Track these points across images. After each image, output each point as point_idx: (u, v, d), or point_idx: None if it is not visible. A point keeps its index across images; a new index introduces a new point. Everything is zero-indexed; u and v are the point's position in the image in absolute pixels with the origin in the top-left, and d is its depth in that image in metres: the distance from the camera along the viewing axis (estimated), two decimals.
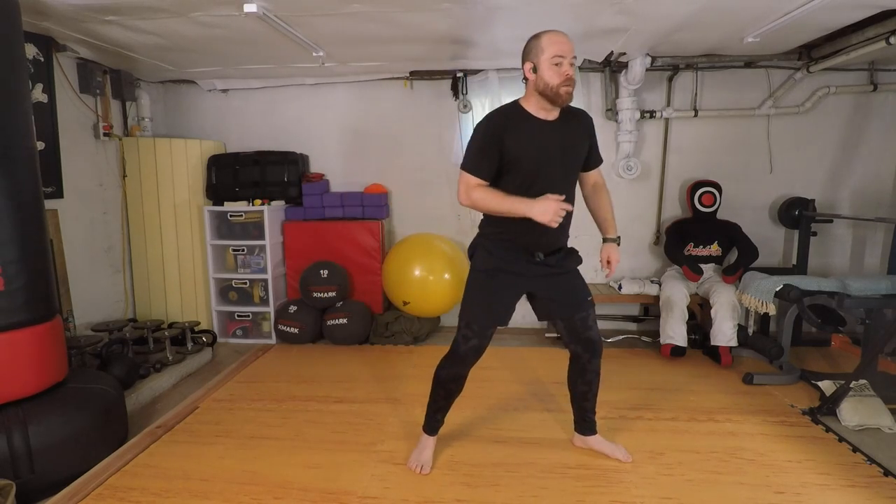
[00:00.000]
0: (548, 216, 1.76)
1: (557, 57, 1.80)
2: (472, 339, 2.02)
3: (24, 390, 2.08)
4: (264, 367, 3.41)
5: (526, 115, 1.90)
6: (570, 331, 2.11)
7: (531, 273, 2.02)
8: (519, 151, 1.86)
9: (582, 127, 2.03)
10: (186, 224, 3.92)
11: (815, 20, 2.86)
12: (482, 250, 2.04)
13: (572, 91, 1.86)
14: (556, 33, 1.85)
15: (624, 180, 4.04)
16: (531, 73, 1.87)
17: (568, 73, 1.82)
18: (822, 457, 2.24)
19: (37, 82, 3.06)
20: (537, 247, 2.00)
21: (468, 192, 1.88)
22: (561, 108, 1.93)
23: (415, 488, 2.04)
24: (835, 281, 2.91)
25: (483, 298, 2.02)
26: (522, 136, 1.87)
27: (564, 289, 2.08)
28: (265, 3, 2.50)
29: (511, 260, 1.99)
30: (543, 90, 1.84)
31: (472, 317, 2.02)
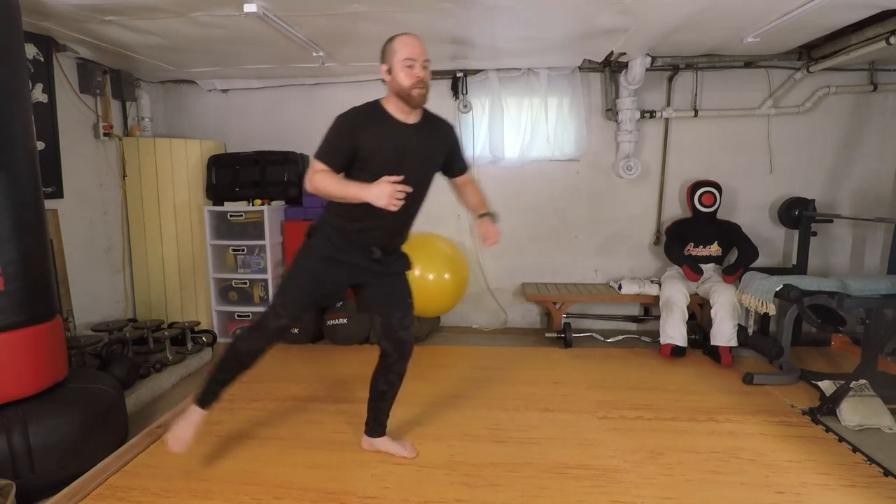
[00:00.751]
0: (384, 199, 1.77)
1: (408, 59, 1.84)
2: (283, 319, 2.02)
3: (24, 390, 2.08)
4: (264, 367, 3.40)
5: (385, 115, 1.94)
6: (386, 328, 2.13)
7: (363, 266, 2.04)
8: (372, 149, 1.89)
9: (441, 134, 2.07)
10: (186, 224, 3.92)
11: (815, 20, 2.86)
12: (322, 235, 2.04)
13: (425, 93, 1.89)
14: (409, 36, 1.89)
15: (624, 180, 4.04)
16: (387, 75, 1.91)
17: (419, 76, 1.85)
18: (822, 457, 2.24)
19: (37, 82, 3.06)
20: (376, 243, 2.03)
21: (313, 176, 1.88)
22: (421, 111, 1.98)
23: (415, 488, 2.04)
24: (835, 281, 2.91)
25: (308, 282, 2.03)
26: (378, 134, 1.90)
27: (390, 287, 2.12)
28: (265, 3, 2.50)
29: (348, 251, 2.01)
30: (398, 91, 1.88)
31: (291, 298, 2.03)
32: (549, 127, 3.99)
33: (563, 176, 4.13)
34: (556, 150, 4.02)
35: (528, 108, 4.01)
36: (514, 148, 4.04)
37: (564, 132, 4.02)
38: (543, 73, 3.90)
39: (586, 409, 2.73)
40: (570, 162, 4.09)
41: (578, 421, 2.59)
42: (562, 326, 3.80)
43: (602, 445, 2.36)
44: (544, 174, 4.13)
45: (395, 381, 2.21)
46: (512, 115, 4.02)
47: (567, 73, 3.91)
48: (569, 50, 3.49)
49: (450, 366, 3.39)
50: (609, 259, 4.20)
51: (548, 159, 4.07)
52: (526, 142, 4.02)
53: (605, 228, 4.17)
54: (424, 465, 2.21)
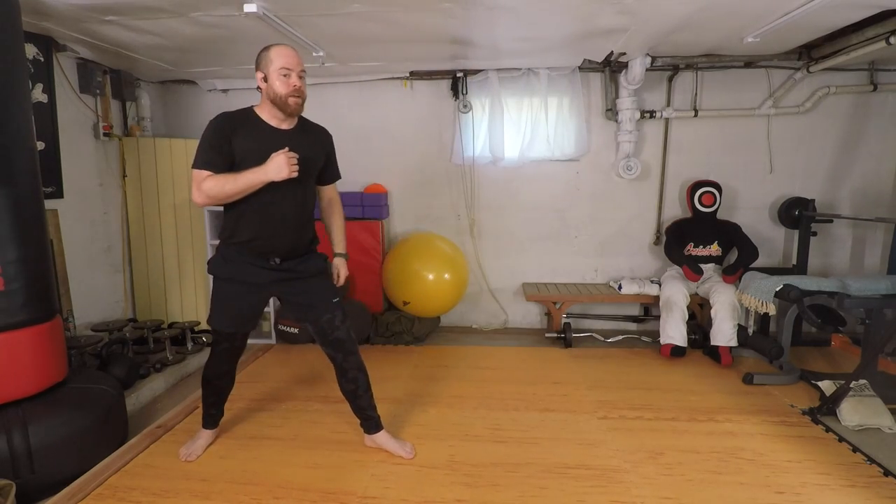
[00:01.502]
0: (284, 170, 1.81)
1: (284, 69, 1.88)
2: (223, 343, 2.13)
3: (24, 390, 2.08)
4: (264, 367, 3.41)
5: (257, 121, 1.96)
6: (320, 334, 2.14)
7: (265, 279, 2.04)
8: (246, 154, 1.90)
9: (318, 141, 2.10)
10: (186, 224, 3.92)
11: (815, 20, 2.86)
12: (218, 257, 2.07)
13: (301, 102, 1.94)
14: (284, 47, 1.93)
15: (624, 180, 4.04)
16: (262, 83, 1.94)
17: (296, 84, 1.90)
18: (822, 457, 2.24)
19: (37, 82, 3.06)
20: (272, 251, 2.02)
21: (199, 186, 1.85)
22: (297, 118, 2.01)
23: (415, 488, 2.04)
24: (835, 281, 2.91)
25: (222, 305, 2.08)
26: (251, 139, 1.92)
27: (307, 293, 2.11)
28: (265, 3, 2.50)
29: (244, 268, 2.02)
30: (274, 99, 1.92)
31: (217, 323, 2.09)
32: (549, 127, 3.99)
33: (563, 176, 4.13)
34: (556, 150, 4.02)
35: (528, 108, 4.01)
36: (514, 148, 4.04)
37: (564, 132, 4.02)
38: (543, 73, 3.90)
39: (586, 409, 2.73)
40: (570, 162, 4.09)
41: (578, 421, 2.60)
42: (562, 326, 3.80)
43: (602, 445, 2.36)
44: (544, 174, 4.13)
45: (357, 375, 2.21)
46: (512, 115, 4.02)
47: (567, 73, 3.91)
48: (569, 50, 3.49)
49: (450, 366, 3.39)
50: (609, 259, 4.20)
51: (548, 159, 4.07)
52: (526, 142, 4.02)
53: (605, 228, 4.18)
54: (424, 465, 2.22)
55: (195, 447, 2.30)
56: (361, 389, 2.24)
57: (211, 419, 2.35)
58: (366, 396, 2.26)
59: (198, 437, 2.34)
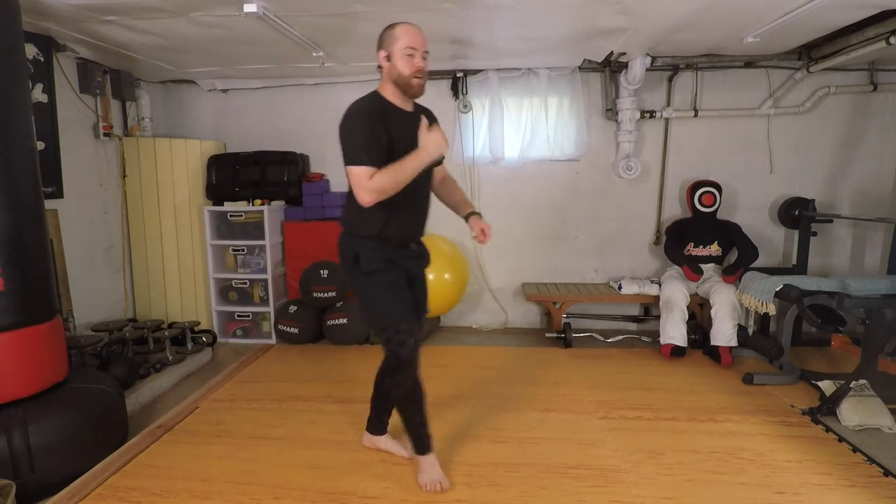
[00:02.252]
0: (441, 142, 1.82)
1: (409, 48, 1.82)
2: (409, 339, 1.92)
3: (24, 390, 2.08)
4: (264, 367, 3.41)
5: (390, 104, 1.90)
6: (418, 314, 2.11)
7: (410, 266, 2.05)
8: (394, 139, 1.85)
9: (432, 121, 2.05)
10: (186, 224, 3.92)
11: (815, 20, 2.86)
12: (366, 251, 1.94)
13: (423, 83, 1.89)
14: (410, 25, 1.86)
15: (624, 180, 4.04)
16: (385, 62, 1.87)
17: (419, 65, 1.84)
18: (822, 457, 2.24)
19: (37, 82, 3.06)
20: (412, 237, 2.04)
21: (366, 186, 1.74)
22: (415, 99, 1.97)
23: (415, 488, 2.04)
24: (835, 281, 2.91)
25: (395, 295, 1.94)
26: (397, 122, 1.88)
27: (422, 290, 2.14)
28: (265, 3, 2.51)
29: (397, 253, 1.98)
30: (396, 79, 1.86)
31: (398, 318, 1.92)
32: (549, 127, 3.99)
33: (563, 176, 4.13)
34: (556, 150, 4.02)
35: (528, 108, 4.01)
36: (514, 148, 4.04)
37: (564, 132, 4.02)
38: (543, 73, 3.90)
39: (586, 409, 2.73)
40: (570, 162, 4.09)
41: (578, 421, 2.59)
42: (562, 326, 3.80)
43: (602, 445, 2.36)
44: (544, 174, 4.13)
45: None
46: (512, 115, 4.02)
47: (567, 73, 3.91)
48: (569, 50, 3.49)
49: (450, 366, 3.39)
50: (609, 259, 4.20)
51: (548, 159, 4.07)
52: (526, 142, 4.02)
53: (605, 228, 4.17)
54: None
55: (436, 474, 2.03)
56: None
57: (428, 441, 2.06)
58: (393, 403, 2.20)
59: (430, 466, 2.05)
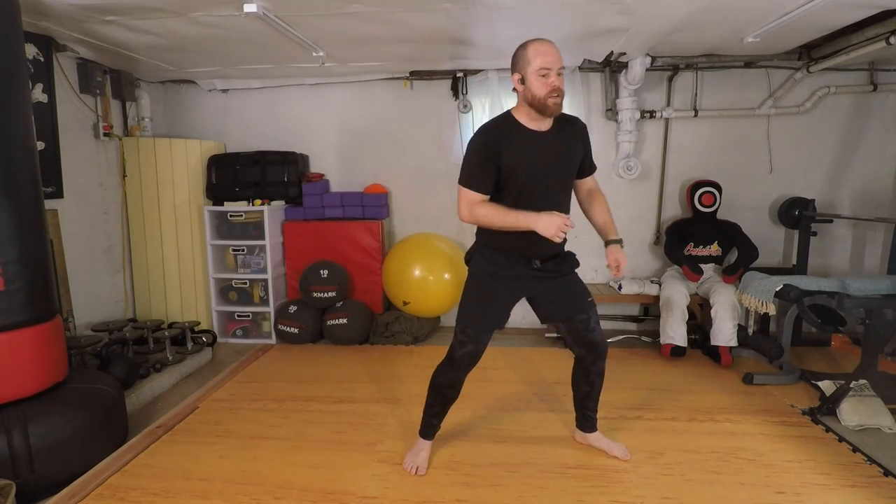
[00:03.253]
0: (551, 231, 1.78)
1: (543, 69, 1.79)
2: (468, 345, 2.01)
3: (24, 390, 2.08)
4: (264, 367, 3.41)
5: (518, 127, 1.90)
6: (573, 333, 2.12)
7: (528, 277, 2.03)
8: (514, 164, 1.86)
9: (576, 135, 2.02)
10: (186, 224, 3.92)
11: (815, 20, 2.86)
12: (480, 256, 2.06)
13: (561, 102, 1.86)
14: (543, 43, 1.83)
15: (624, 180, 4.04)
16: (520, 85, 1.86)
17: (555, 85, 1.80)
18: (822, 457, 2.24)
19: (37, 82, 3.06)
20: (533, 254, 2.01)
21: (471, 209, 1.88)
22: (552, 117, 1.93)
23: (415, 488, 2.04)
24: (835, 281, 2.91)
25: (480, 303, 2.03)
26: (516, 148, 1.87)
27: (562, 292, 2.09)
28: (265, 3, 2.50)
29: (508, 266, 2.01)
30: (532, 101, 1.84)
31: (468, 322, 2.02)
32: None
33: None
34: None
35: None
36: None
37: None
38: None
39: None
40: None
41: None
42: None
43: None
44: None
45: (597, 380, 2.20)
46: None
47: (567, 73, 3.91)
48: (569, 50, 3.49)
49: None
50: None
51: None
52: None
53: None
54: None
55: (420, 460, 2.16)
56: (595, 392, 2.24)
57: (431, 430, 2.20)
58: (595, 399, 2.27)
59: (419, 449, 2.19)
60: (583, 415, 2.31)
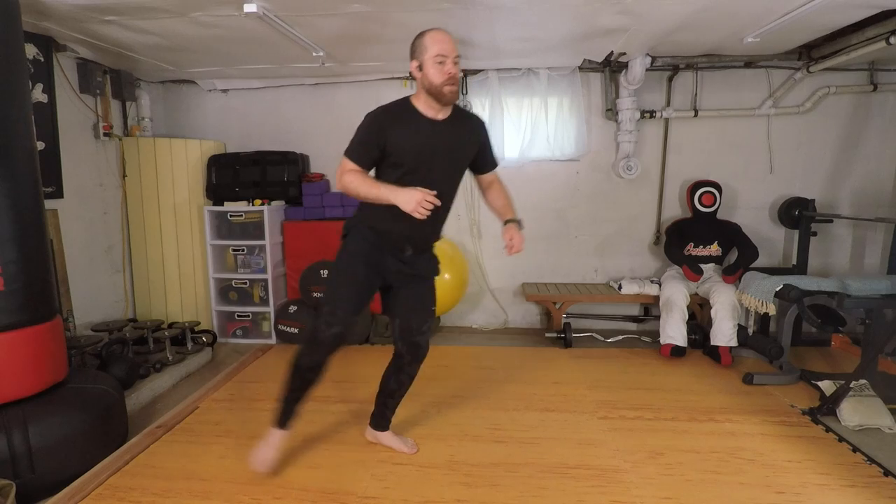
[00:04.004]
0: (411, 205, 1.78)
1: (440, 56, 1.83)
2: (335, 326, 1.96)
3: (24, 390, 2.08)
4: (264, 367, 3.41)
5: (414, 112, 1.93)
6: (404, 331, 2.12)
7: (394, 268, 2.04)
8: (402, 146, 1.89)
9: (472, 131, 2.05)
10: (186, 224, 3.92)
11: (815, 20, 2.86)
12: (357, 234, 2.03)
13: (457, 90, 1.89)
14: (439, 32, 1.87)
15: (624, 180, 4.04)
16: (417, 72, 1.90)
17: (451, 72, 1.84)
18: (822, 457, 2.24)
19: (37, 82, 3.06)
20: (409, 242, 2.02)
21: (343, 175, 1.89)
22: (452, 108, 1.96)
23: (415, 488, 2.04)
24: (835, 281, 2.91)
25: (352, 283, 1.99)
26: (407, 132, 1.90)
27: (416, 291, 2.11)
28: (265, 3, 2.51)
29: (381, 250, 2.01)
30: (429, 88, 1.87)
31: (339, 301, 1.97)
32: (549, 127, 3.99)
33: (563, 176, 4.13)
34: (556, 150, 4.02)
35: (528, 108, 4.01)
36: (514, 148, 4.04)
37: (564, 132, 4.02)
38: (543, 73, 3.90)
39: (586, 409, 2.73)
40: (570, 162, 4.09)
41: (578, 421, 2.59)
42: (562, 326, 3.80)
43: (602, 445, 2.36)
44: (544, 174, 4.13)
45: (406, 381, 2.23)
46: (512, 115, 4.02)
47: (567, 73, 3.91)
48: (569, 50, 3.49)
49: (450, 366, 3.39)
50: (609, 259, 4.20)
51: (548, 159, 4.07)
52: (526, 142, 4.02)
53: (605, 228, 4.17)
54: (424, 465, 2.21)
55: (271, 453, 2.09)
56: (399, 394, 2.27)
57: (289, 417, 2.09)
58: (398, 400, 2.29)
59: (270, 441, 2.09)
60: (381, 412, 2.31)
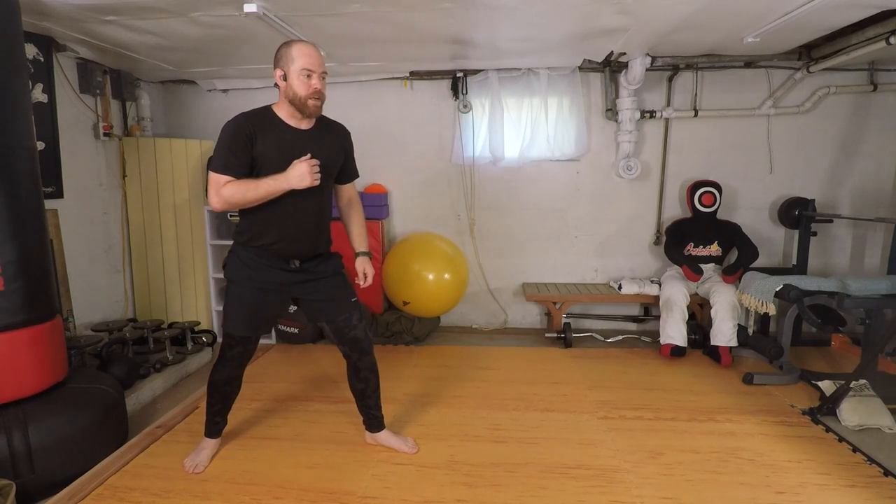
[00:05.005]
0: (306, 178, 1.80)
1: (306, 70, 1.83)
2: (236, 347, 2.06)
3: (24, 390, 2.08)
4: (264, 367, 3.41)
5: (276, 121, 1.93)
6: (336, 332, 2.14)
7: (288, 280, 2.03)
8: (268, 156, 1.88)
9: (337, 139, 2.06)
10: (186, 224, 3.92)
11: (815, 20, 2.86)
12: (235, 260, 2.03)
13: (320, 105, 1.90)
14: (306, 45, 1.87)
15: (624, 180, 4.04)
16: (282, 81, 1.89)
17: (316, 87, 1.85)
18: (822, 457, 2.24)
19: (37, 82, 3.06)
20: (292, 254, 2.01)
21: (218, 191, 1.84)
22: (314, 118, 1.96)
23: (415, 488, 2.04)
24: (835, 281, 2.91)
25: (240, 310, 2.02)
26: (270, 140, 1.89)
27: (325, 292, 2.10)
28: (265, 3, 2.50)
29: (265, 269, 2.00)
30: (293, 99, 1.88)
31: (232, 327, 2.03)
32: (549, 127, 3.99)
33: (563, 176, 4.13)
34: (556, 150, 4.02)
35: (528, 108, 4.01)
36: (514, 148, 4.04)
37: (564, 132, 4.02)
38: (543, 73, 3.90)
39: (586, 409, 2.73)
40: (570, 162, 4.09)
41: (578, 421, 2.60)
42: (562, 326, 3.80)
43: (602, 445, 2.36)
44: (544, 174, 4.13)
45: (369, 376, 2.23)
46: (512, 115, 4.02)
47: (567, 73, 3.91)
48: (569, 50, 3.49)
49: (450, 366, 3.39)
50: (609, 259, 4.20)
51: (548, 159, 4.07)
52: (526, 142, 4.02)
53: (605, 228, 4.18)
54: (424, 465, 2.22)
55: (200, 458, 2.21)
56: (371, 389, 2.26)
57: (215, 427, 2.26)
58: (374, 396, 2.28)
59: (202, 448, 2.25)
60: (367, 414, 2.31)
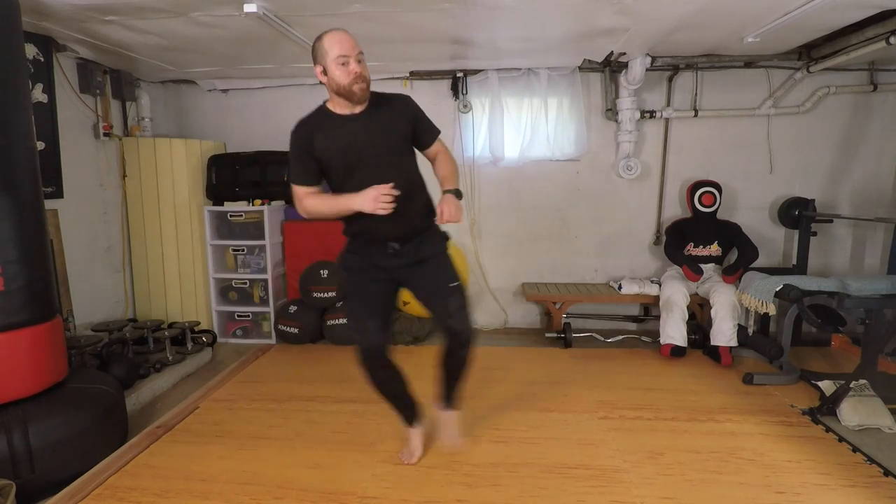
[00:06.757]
0: (370, 205, 1.79)
1: (341, 57, 1.80)
2: (364, 341, 2.02)
3: (24, 390, 2.08)
4: (264, 367, 3.41)
5: (328, 116, 1.93)
6: (437, 318, 2.10)
7: (391, 265, 2.03)
8: (325, 151, 1.89)
9: (394, 111, 1.99)
10: (186, 224, 3.92)
11: (815, 20, 2.86)
12: (345, 250, 2.10)
13: (366, 86, 1.86)
14: (337, 32, 1.84)
15: (624, 180, 4.04)
16: (323, 76, 1.88)
17: (356, 71, 1.82)
18: (822, 457, 2.24)
19: (37, 82, 3.06)
20: (387, 237, 2.00)
21: (301, 202, 1.95)
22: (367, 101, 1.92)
23: (415, 488, 2.04)
24: (835, 281, 2.91)
25: (357, 296, 2.04)
26: (326, 135, 1.90)
27: (425, 277, 2.07)
28: (265, 3, 2.50)
29: (370, 254, 2.02)
30: (338, 90, 1.86)
31: (354, 319, 2.04)
32: (548, 127, 3.99)
33: (563, 176, 4.13)
34: (555, 150, 4.02)
35: (528, 108, 4.01)
36: (514, 148, 4.04)
37: (564, 132, 4.02)
38: (543, 73, 3.90)
39: (586, 409, 2.73)
40: (569, 162, 4.09)
41: (578, 421, 2.60)
42: (562, 326, 3.80)
43: (602, 445, 2.36)
44: (544, 174, 4.13)
45: (453, 369, 2.17)
46: (512, 115, 4.02)
47: (567, 73, 3.91)
48: (569, 50, 3.49)
49: None
50: (609, 259, 4.20)
51: (548, 159, 4.07)
52: (526, 142, 4.02)
53: (605, 228, 4.17)
54: (424, 464, 2.22)
55: (411, 447, 2.25)
56: (450, 379, 2.20)
57: (407, 415, 2.25)
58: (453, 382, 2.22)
59: (408, 439, 2.28)
60: (439, 388, 2.27)
